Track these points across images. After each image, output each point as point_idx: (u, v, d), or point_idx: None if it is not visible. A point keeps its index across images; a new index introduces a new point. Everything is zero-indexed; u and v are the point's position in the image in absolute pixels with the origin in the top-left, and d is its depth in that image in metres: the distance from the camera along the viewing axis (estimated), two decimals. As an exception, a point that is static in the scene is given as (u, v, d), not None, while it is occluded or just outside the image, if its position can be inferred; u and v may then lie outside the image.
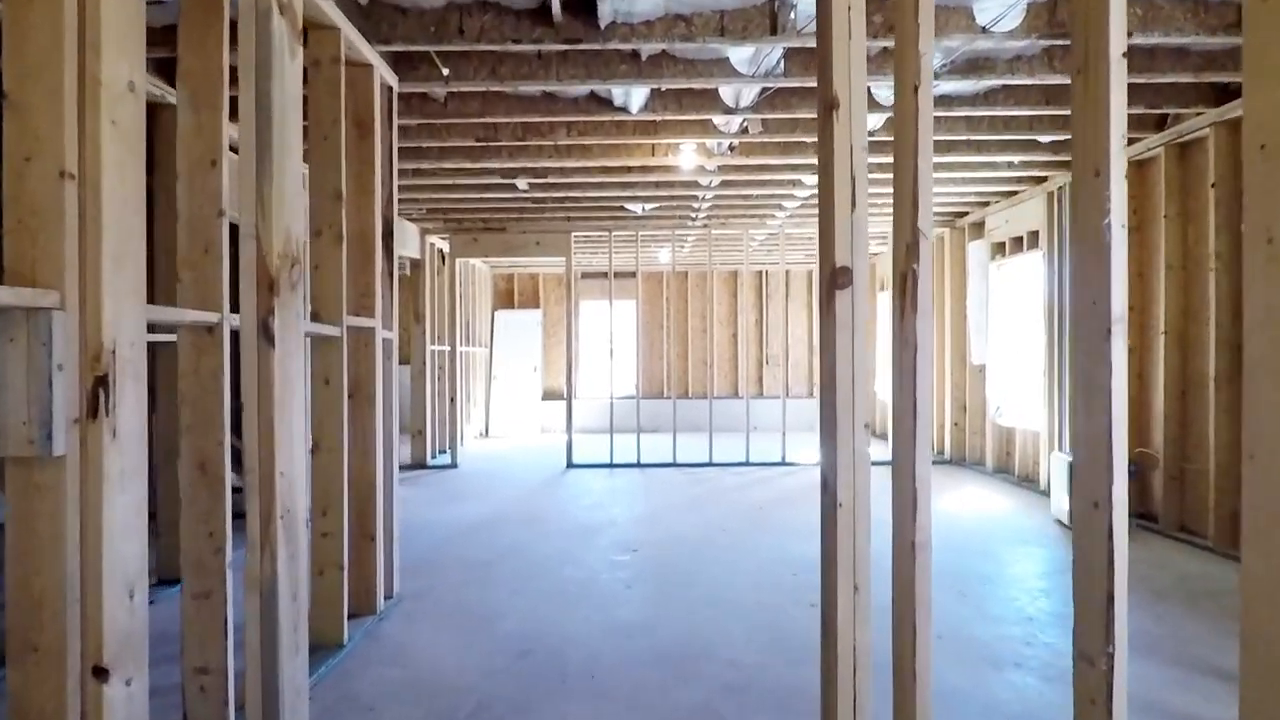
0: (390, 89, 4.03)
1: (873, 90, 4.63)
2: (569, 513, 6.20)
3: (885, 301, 10.77)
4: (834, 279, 1.71)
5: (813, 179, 6.59)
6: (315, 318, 3.32)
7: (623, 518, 6.01)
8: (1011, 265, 7.62)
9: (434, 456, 9.04)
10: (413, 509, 6.37)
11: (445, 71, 4.12)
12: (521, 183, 6.68)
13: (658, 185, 6.91)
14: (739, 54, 4.07)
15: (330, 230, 3.34)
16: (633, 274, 12.53)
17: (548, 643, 3.42)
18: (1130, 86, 3.29)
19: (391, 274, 4.02)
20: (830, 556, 1.78)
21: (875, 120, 5.10)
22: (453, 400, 8.93)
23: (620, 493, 7.11)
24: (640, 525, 5.75)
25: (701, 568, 4.58)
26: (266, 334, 2.24)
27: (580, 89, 4.55)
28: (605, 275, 12.56)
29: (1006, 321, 7.77)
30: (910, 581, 1.73)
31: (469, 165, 5.99)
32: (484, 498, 6.88)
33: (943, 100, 4.78)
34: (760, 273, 12.72)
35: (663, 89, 4.56)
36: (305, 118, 2.84)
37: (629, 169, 6.36)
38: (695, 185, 6.89)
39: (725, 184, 6.87)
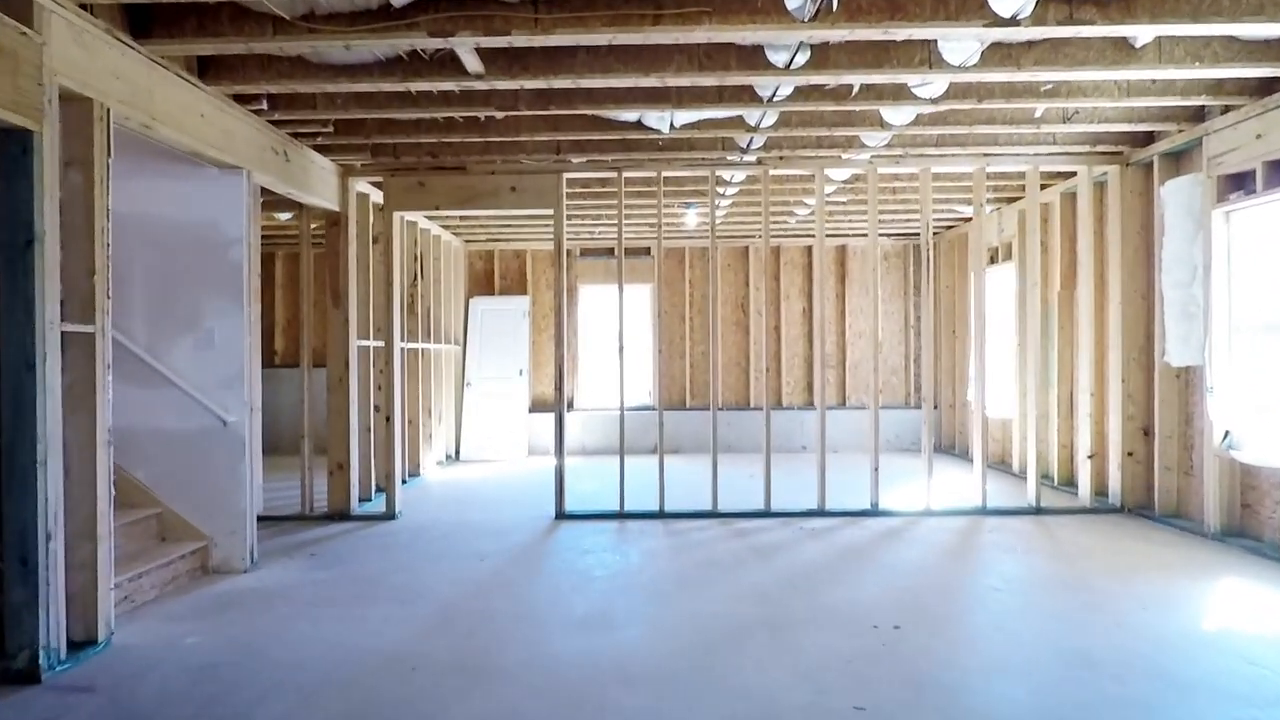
0: None
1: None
2: (549, 645, 3.38)
3: (998, 276, 7.93)
4: None
5: (966, 49, 3.78)
6: None
7: (649, 662, 3.19)
8: (1263, 210, 4.80)
9: (363, 501, 6.23)
10: (271, 622, 3.54)
11: None
12: (468, 54, 3.87)
13: (701, 65, 4.10)
14: None
15: None
16: (647, 250, 9.70)
17: None
18: None
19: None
20: None
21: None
22: (389, 419, 6.12)
23: (638, 583, 4.30)
24: (687, 688, 2.93)
25: None
26: None
27: None
28: (611, 252, 9.73)
29: (1248, 301, 4.94)
30: None
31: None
32: (408, 597, 4.07)
33: None
34: (806, 248, 9.88)
35: None
36: None
37: (659, 15, 3.53)
38: (762, 65, 4.08)
39: (812, 66, 4.06)
